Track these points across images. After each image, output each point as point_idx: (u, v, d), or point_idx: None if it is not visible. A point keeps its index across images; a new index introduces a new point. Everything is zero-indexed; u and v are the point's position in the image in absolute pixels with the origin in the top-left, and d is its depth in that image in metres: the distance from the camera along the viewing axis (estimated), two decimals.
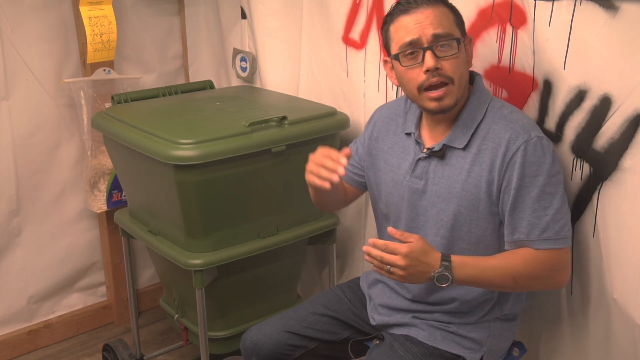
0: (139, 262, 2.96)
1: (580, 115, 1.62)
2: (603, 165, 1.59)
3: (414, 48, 1.54)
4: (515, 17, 1.72)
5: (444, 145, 1.61)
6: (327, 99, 2.35)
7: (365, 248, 1.50)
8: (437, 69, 1.52)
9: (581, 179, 1.65)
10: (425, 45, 1.52)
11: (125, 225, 2.31)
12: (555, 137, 1.68)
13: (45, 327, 2.76)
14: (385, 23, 1.62)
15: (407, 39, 1.54)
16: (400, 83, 1.62)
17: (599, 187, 1.61)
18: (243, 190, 2.02)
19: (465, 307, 1.67)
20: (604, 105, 1.56)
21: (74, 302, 2.84)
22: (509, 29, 1.74)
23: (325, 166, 1.55)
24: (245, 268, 2.14)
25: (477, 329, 1.67)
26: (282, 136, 2.03)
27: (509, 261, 1.54)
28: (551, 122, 1.69)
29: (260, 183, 2.04)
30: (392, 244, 1.48)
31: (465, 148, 1.59)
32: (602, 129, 1.57)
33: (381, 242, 1.48)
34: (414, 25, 1.53)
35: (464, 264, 1.52)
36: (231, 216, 2.04)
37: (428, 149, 1.64)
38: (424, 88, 1.55)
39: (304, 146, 2.08)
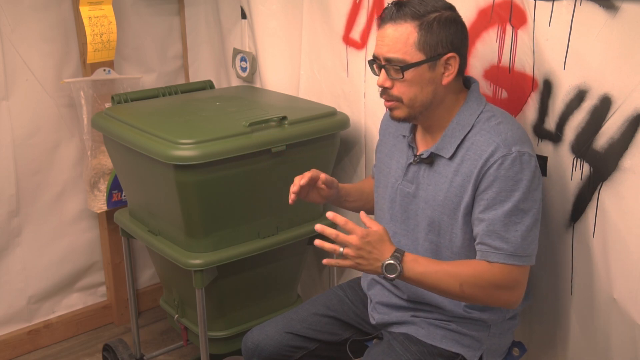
0: (139, 262, 2.96)
1: (580, 115, 1.62)
2: (603, 165, 1.59)
3: (375, 61, 1.61)
4: (515, 17, 1.72)
5: (431, 153, 1.63)
6: (327, 99, 2.35)
7: (318, 227, 1.48)
8: (385, 88, 1.59)
9: (581, 179, 1.65)
10: (382, 63, 1.58)
11: (125, 225, 2.31)
12: (555, 137, 1.68)
13: (45, 327, 2.75)
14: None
15: (373, 54, 1.61)
16: None
17: (599, 187, 1.61)
18: (243, 190, 2.02)
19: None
20: (604, 105, 1.56)
21: (74, 302, 2.84)
22: (509, 29, 1.74)
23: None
24: (245, 268, 2.14)
25: (477, 326, 1.67)
26: (282, 136, 2.03)
27: (460, 268, 1.53)
28: (551, 122, 1.69)
29: (260, 183, 2.04)
30: (351, 224, 1.48)
31: (451, 158, 1.60)
32: (602, 129, 1.58)
33: (341, 218, 1.49)
34: (379, 41, 1.59)
35: (416, 261, 1.51)
36: (231, 216, 2.04)
37: (417, 155, 1.66)
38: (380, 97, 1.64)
39: (304, 146, 2.08)
